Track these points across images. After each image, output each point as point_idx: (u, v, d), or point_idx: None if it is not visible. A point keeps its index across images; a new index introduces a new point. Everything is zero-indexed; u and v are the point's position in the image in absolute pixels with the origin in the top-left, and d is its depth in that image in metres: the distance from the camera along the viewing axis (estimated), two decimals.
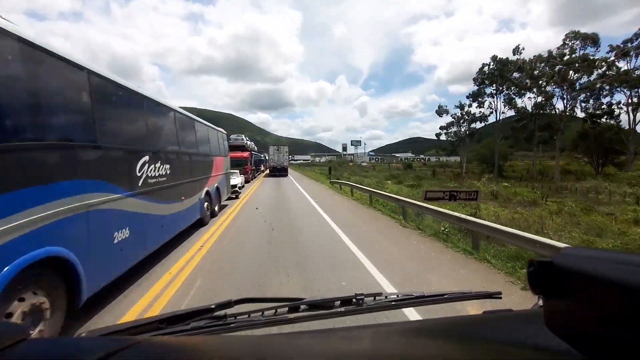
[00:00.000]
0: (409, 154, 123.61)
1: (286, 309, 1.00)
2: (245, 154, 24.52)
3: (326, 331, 0.91)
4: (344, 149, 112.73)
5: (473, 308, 2.80)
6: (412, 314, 2.95)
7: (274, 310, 0.99)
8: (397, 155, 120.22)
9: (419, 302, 1.17)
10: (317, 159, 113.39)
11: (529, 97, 40.82)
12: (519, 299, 3.69)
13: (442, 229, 7.11)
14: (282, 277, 4.39)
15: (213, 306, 0.97)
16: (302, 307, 1.02)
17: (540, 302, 0.69)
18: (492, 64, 44.31)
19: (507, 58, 42.32)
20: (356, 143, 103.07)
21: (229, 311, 0.97)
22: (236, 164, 19.22)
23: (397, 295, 1.16)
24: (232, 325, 0.92)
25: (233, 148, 20.23)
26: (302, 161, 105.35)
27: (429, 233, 7.12)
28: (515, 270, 4.61)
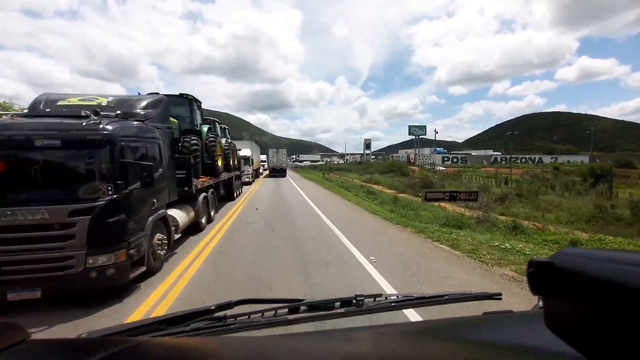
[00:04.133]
0: (479, 152, 79.06)
1: (286, 310, 1.00)
2: None
3: (326, 332, 0.91)
4: (367, 146, 78.37)
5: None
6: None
7: (273, 312, 0.99)
8: (473, 153, 78.37)
9: (419, 303, 1.16)
10: (329, 160, 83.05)
11: None
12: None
13: None
14: None
15: (213, 307, 0.97)
16: (302, 308, 1.02)
17: (541, 303, 0.69)
18: None
19: None
20: (417, 131, 58.02)
21: (229, 312, 0.97)
22: None
23: (397, 297, 1.16)
24: (232, 326, 0.92)
25: None
26: (309, 162, 77.14)
27: None
28: None
